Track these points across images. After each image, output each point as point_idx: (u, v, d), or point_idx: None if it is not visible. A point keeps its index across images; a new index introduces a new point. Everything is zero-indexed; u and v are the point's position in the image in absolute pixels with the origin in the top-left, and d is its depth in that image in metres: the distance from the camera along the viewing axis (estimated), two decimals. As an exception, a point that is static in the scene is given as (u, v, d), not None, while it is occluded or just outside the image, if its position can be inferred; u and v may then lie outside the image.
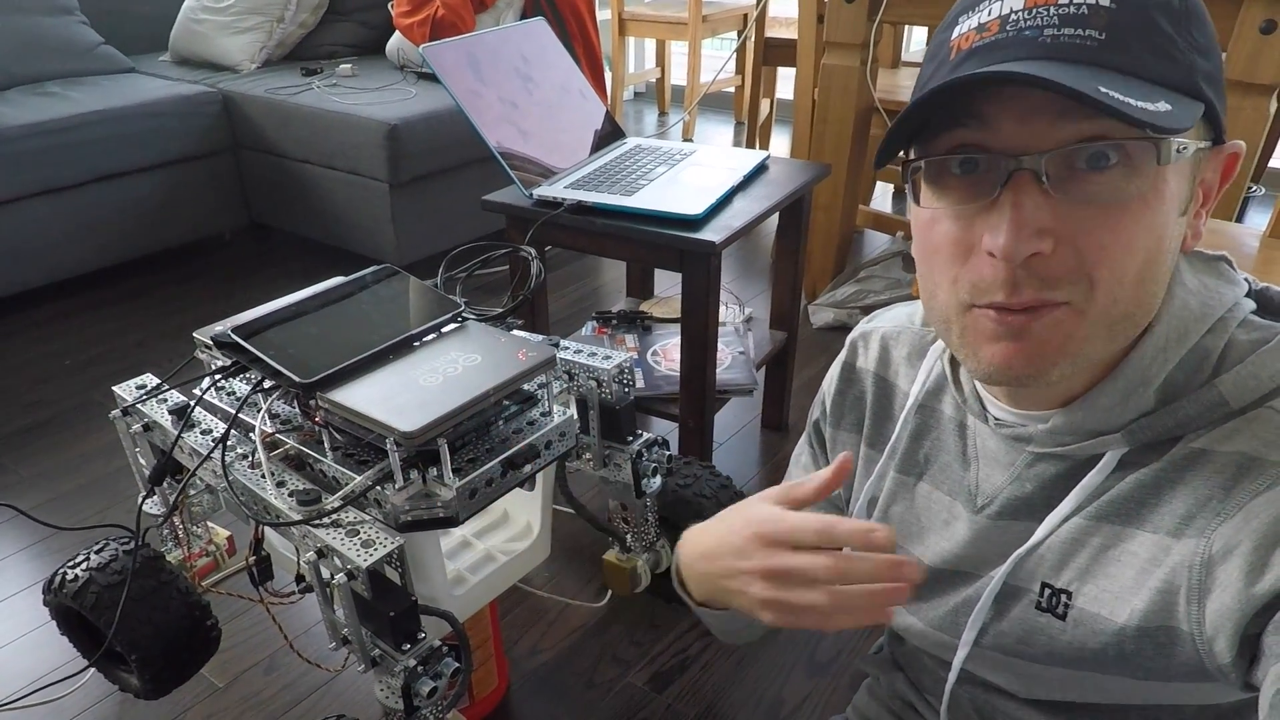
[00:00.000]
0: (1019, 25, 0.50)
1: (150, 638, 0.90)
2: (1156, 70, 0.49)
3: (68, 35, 2.76)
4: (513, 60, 1.55)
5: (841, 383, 0.78)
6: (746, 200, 1.47)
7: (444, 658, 0.75)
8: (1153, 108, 0.46)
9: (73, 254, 2.49)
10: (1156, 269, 0.52)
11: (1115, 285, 0.51)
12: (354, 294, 0.90)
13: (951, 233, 0.54)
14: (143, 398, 0.92)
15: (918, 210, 0.56)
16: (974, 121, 0.51)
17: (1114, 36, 0.48)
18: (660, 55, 4.41)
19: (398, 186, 2.44)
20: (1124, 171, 0.49)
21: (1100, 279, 0.50)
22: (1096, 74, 0.47)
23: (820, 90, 2.21)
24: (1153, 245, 0.51)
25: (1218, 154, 0.55)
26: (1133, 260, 0.50)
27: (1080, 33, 0.48)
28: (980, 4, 0.52)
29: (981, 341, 0.54)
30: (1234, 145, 0.55)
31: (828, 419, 0.80)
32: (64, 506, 1.69)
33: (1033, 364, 0.53)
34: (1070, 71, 0.47)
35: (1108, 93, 0.45)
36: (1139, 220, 0.50)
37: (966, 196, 0.52)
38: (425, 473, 0.75)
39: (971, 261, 0.53)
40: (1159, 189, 0.50)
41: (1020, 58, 0.49)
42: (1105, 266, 0.50)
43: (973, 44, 0.52)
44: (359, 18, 3.11)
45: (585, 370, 0.92)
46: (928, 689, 0.80)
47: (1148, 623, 0.55)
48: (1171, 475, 0.55)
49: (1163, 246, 0.52)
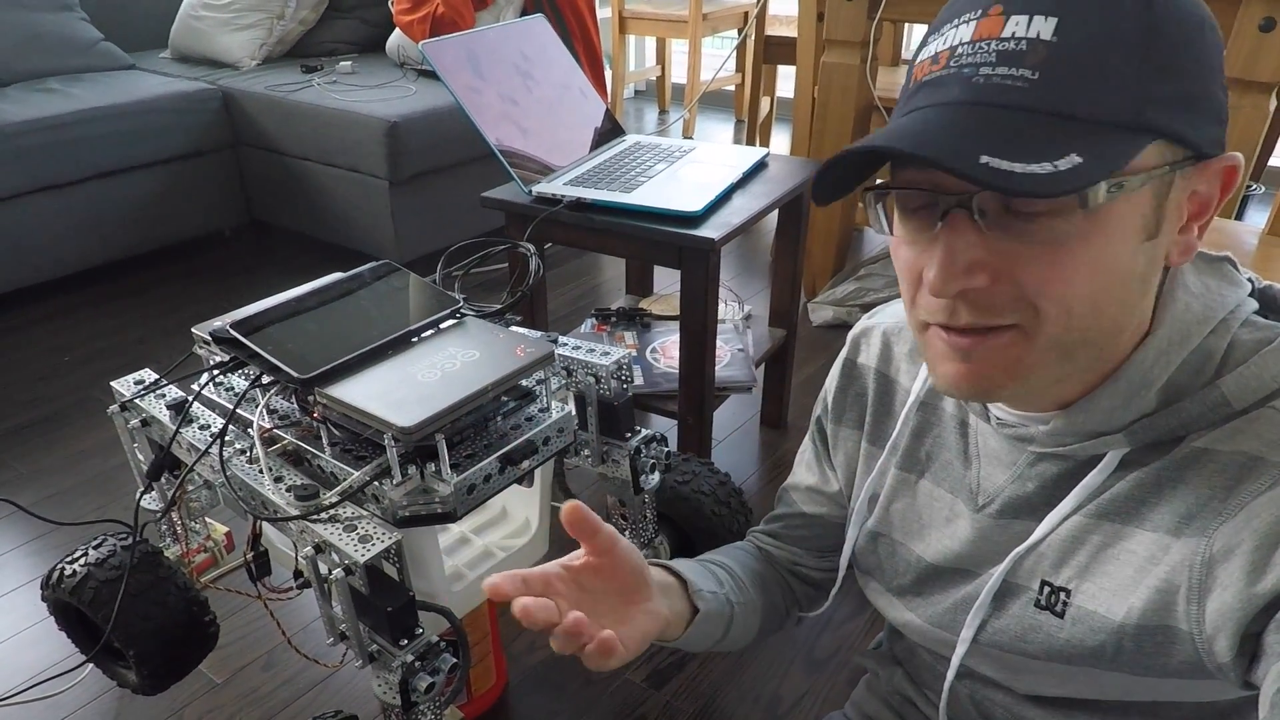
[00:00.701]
0: (961, 61, 0.50)
1: (148, 633, 0.90)
2: (1089, 108, 0.48)
3: (68, 31, 2.76)
4: (513, 57, 1.55)
5: (843, 379, 0.79)
6: (746, 197, 1.47)
7: (442, 653, 0.75)
8: (1048, 168, 0.45)
9: (72, 250, 2.49)
10: (1111, 295, 0.52)
11: (1063, 314, 0.51)
12: (353, 290, 0.90)
13: (909, 259, 0.56)
14: (141, 393, 0.92)
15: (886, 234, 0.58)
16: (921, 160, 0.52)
17: (1046, 76, 0.48)
18: (660, 53, 4.41)
19: (397, 184, 2.44)
20: (1053, 217, 0.49)
21: (1045, 308, 0.51)
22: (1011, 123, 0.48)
23: (820, 88, 2.21)
24: (1100, 276, 0.50)
25: (1206, 168, 0.52)
26: (1076, 292, 0.51)
27: (1013, 73, 0.48)
28: (944, 27, 0.53)
29: (937, 359, 0.57)
30: (1228, 158, 0.52)
31: (829, 415, 0.80)
32: (63, 502, 1.69)
33: (979, 385, 0.55)
34: (985, 121, 0.48)
35: (988, 162, 0.45)
36: (1078, 256, 0.50)
37: (919, 228, 0.54)
38: (423, 468, 0.75)
39: (922, 287, 0.55)
40: (1101, 224, 0.49)
41: (952, 100, 0.50)
42: (1047, 298, 0.51)
43: (924, 76, 0.53)
44: (359, 15, 3.11)
45: (583, 366, 0.92)
46: (926, 684, 0.80)
47: (1146, 621, 0.55)
48: (1172, 474, 0.55)
49: (1115, 275, 0.51)
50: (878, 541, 0.75)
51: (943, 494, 0.69)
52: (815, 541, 0.86)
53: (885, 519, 0.74)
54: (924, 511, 0.71)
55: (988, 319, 0.52)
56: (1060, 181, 0.45)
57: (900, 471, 0.73)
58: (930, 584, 0.71)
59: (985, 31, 0.50)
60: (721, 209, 1.41)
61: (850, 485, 0.80)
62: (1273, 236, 1.60)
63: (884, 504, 0.74)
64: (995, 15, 0.50)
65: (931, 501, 0.70)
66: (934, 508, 0.70)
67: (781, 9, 3.54)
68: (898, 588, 0.74)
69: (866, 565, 0.77)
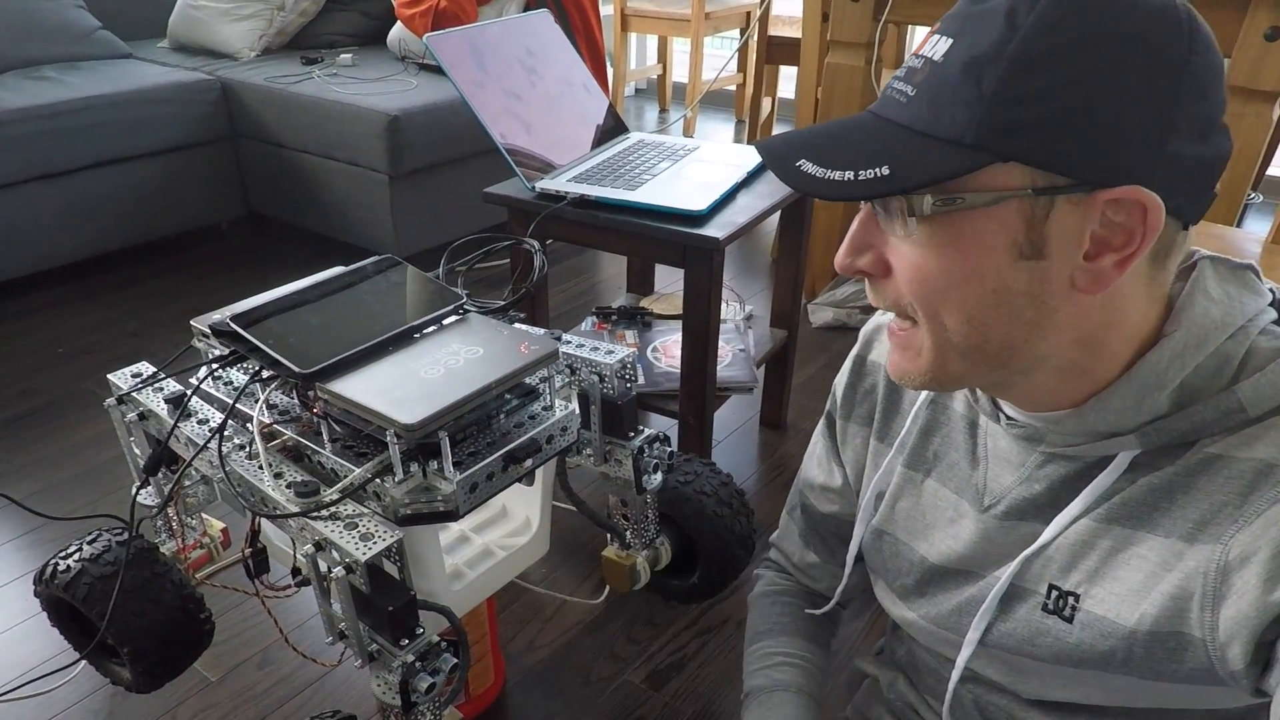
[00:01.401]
0: (897, 75, 0.55)
1: (143, 630, 0.89)
2: (934, 125, 0.51)
3: (65, 19, 2.74)
4: (516, 52, 1.54)
5: (853, 375, 0.79)
6: (750, 197, 1.46)
7: (442, 653, 0.74)
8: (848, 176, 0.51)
9: (67, 241, 2.47)
10: (987, 309, 0.53)
11: (931, 319, 0.55)
12: (355, 284, 0.89)
13: None
14: (138, 386, 0.90)
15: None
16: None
17: (918, 93, 0.52)
18: (662, 52, 4.40)
19: (398, 178, 2.43)
20: (904, 220, 0.53)
21: (922, 310, 0.55)
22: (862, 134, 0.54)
23: (824, 89, 2.20)
24: (965, 287, 0.53)
25: (1095, 201, 0.50)
26: (944, 299, 0.54)
27: (903, 89, 0.54)
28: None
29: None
30: (1130, 191, 0.49)
31: (839, 411, 0.81)
32: (57, 496, 1.68)
33: (901, 372, 0.60)
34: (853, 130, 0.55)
35: (800, 166, 0.53)
36: (934, 261, 0.53)
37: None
38: (425, 466, 0.74)
39: None
40: (954, 236, 0.52)
41: (872, 106, 0.57)
42: (921, 301, 0.55)
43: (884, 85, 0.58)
44: (360, 7, 3.09)
45: (587, 364, 0.91)
46: (929, 690, 0.79)
47: (1158, 627, 0.55)
48: (1185, 479, 0.55)
49: (983, 288, 0.53)
50: (882, 540, 0.75)
51: (948, 494, 0.69)
52: (832, 541, 0.87)
53: (890, 517, 0.74)
54: (928, 511, 0.71)
55: (887, 308, 0.58)
56: (848, 189, 0.50)
57: (906, 470, 0.73)
58: (933, 584, 0.70)
59: (919, 48, 0.54)
60: (726, 208, 1.40)
61: (858, 481, 0.80)
62: (1276, 245, 1.60)
63: (889, 502, 0.74)
64: (931, 33, 0.54)
65: (936, 501, 0.70)
66: (938, 507, 0.70)
67: (784, 9, 3.53)
68: (901, 587, 0.74)
69: (872, 563, 0.78)
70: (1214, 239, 1.55)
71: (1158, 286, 0.55)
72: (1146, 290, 0.54)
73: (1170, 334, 0.55)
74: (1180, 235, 0.53)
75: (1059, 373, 0.56)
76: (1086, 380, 0.56)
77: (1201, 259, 0.58)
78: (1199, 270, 0.57)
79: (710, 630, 1.41)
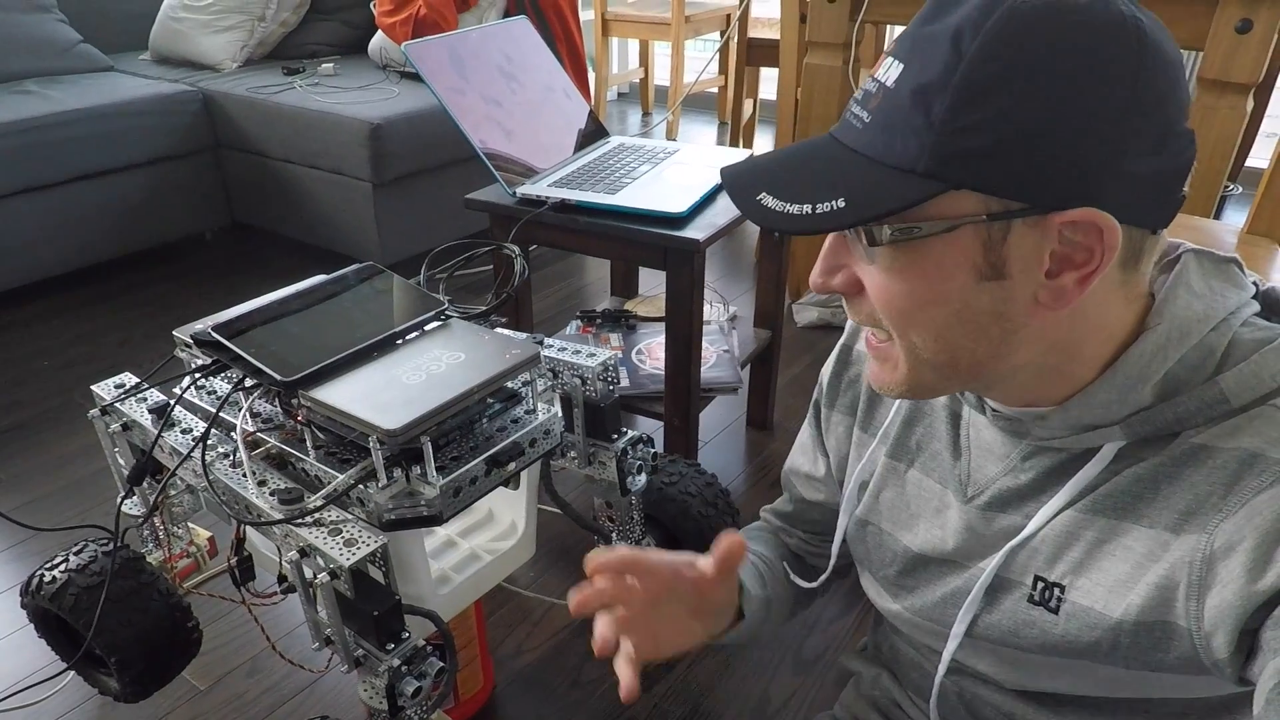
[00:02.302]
0: (854, 98, 0.56)
1: (130, 640, 0.89)
2: (887, 153, 0.51)
3: (46, 33, 2.73)
4: (496, 59, 1.55)
5: (838, 364, 0.79)
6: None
7: (428, 657, 0.74)
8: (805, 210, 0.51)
9: (51, 253, 2.46)
10: (953, 328, 0.54)
11: (903, 336, 0.56)
12: (337, 292, 0.90)
13: None
14: (122, 397, 0.91)
15: None
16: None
17: (873, 119, 0.53)
18: (644, 55, 4.41)
19: (381, 186, 2.43)
20: (888, 245, 0.53)
21: (893, 329, 0.57)
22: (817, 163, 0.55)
23: (803, 90, 2.22)
24: (931, 309, 0.54)
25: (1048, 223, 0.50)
26: (911, 320, 0.55)
27: (859, 114, 0.54)
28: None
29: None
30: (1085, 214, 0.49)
31: (824, 399, 0.81)
32: (44, 508, 1.67)
33: (880, 382, 0.61)
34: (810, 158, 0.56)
35: (761, 199, 0.54)
36: (899, 285, 0.54)
37: None
38: (409, 471, 0.74)
39: None
40: (917, 261, 0.53)
41: (831, 130, 0.57)
42: (890, 320, 0.56)
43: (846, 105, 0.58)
44: (341, 17, 3.09)
45: (569, 368, 0.92)
46: (913, 685, 0.80)
47: (1145, 617, 0.55)
48: (1170, 470, 0.55)
49: (949, 309, 0.54)
50: (865, 530, 0.75)
51: (932, 484, 0.70)
52: (816, 526, 0.88)
53: (874, 507, 0.74)
54: (912, 501, 0.71)
55: (860, 322, 0.59)
56: (806, 223, 0.51)
57: (889, 460, 0.73)
58: (916, 575, 0.71)
59: (874, 71, 0.54)
60: (706, 210, 1.41)
61: (841, 470, 0.80)
62: (1252, 235, 1.62)
63: (873, 492, 0.74)
64: (885, 56, 0.54)
65: (920, 491, 0.71)
66: (922, 498, 0.70)
67: (764, 11, 3.55)
68: (885, 578, 0.74)
69: (857, 553, 0.78)
70: (1191, 230, 1.57)
71: (1133, 288, 0.55)
72: (1121, 294, 0.55)
73: (1152, 328, 0.55)
74: (1150, 240, 0.54)
75: (1037, 375, 0.57)
76: (1066, 380, 0.57)
77: (1186, 252, 0.58)
78: (1182, 264, 0.57)
79: (699, 630, 1.41)
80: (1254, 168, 3.08)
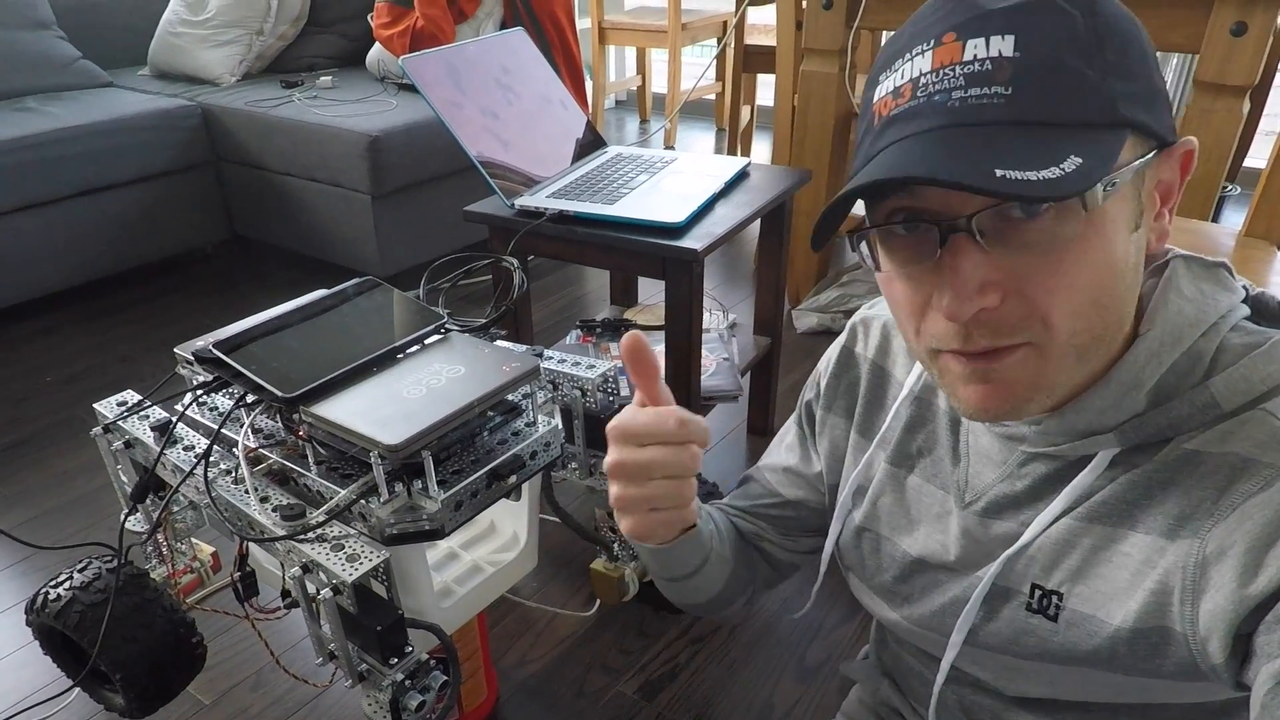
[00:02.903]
0: (929, 90, 0.51)
1: (134, 656, 0.89)
2: (1068, 112, 0.49)
3: (45, 50, 2.74)
4: (493, 71, 1.55)
5: (838, 366, 0.78)
6: (728, 207, 1.47)
7: (432, 671, 0.75)
8: (1057, 172, 0.46)
9: (52, 270, 2.47)
10: (1113, 291, 0.53)
11: (1071, 320, 0.52)
12: (336, 307, 0.90)
13: (906, 292, 0.56)
14: (124, 414, 0.91)
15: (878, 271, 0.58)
16: (903, 192, 0.53)
17: (1020, 88, 0.49)
18: (641, 63, 4.43)
19: (380, 198, 2.44)
20: (1055, 218, 0.50)
21: (1054, 319, 0.52)
22: (1001, 137, 0.48)
23: (800, 96, 2.23)
24: (1102, 274, 0.52)
25: (1169, 155, 0.54)
26: (1082, 295, 0.52)
27: (986, 91, 0.49)
28: (895, 62, 0.54)
29: (956, 384, 0.56)
30: (1185, 143, 0.55)
31: (820, 401, 0.80)
32: (46, 525, 1.68)
33: (1007, 403, 0.55)
34: (977, 139, 0.49)
35: (1004, 175, 0.46)
36: (1080, 260, 0.51)
37: (912, 258, 0.54)
38: (410, 485, 0.75)
39: (928, 317, 0.55)
40: (1098, 225, 0.51)
41: (932, 126, 0.50)
42: (1056, 308, 0.52)
43: (890, 111, 0.53)
44: (339, 30, 3.10)
45: (569, 380, 0.92)
46: (913, 694, 0.80)
47: (1142, 624, 0.56)
48: (1163, 476, 0.55)
49: (1114, 270, 0.52)
50: (861, 536, 0.74)
51: (933, 490, 0.69)
52: (786, 523, 0.84)
53: (872, 513, 0.73)
54: (913, 507, 0.71)
55: (1001, 339, 0.53)
56: (1071, 183, 0.46)
57: (890, 466, 0.72)
58: (913, 582, 0.70)
59: (945, 59, 0.51)
60: (704, 219, 1.42)
61: (833, 474, 0.79)
62: (1249, 238, 1.62)
63: (871, 499, 0.74)
64: (951, 43, 0.50)
65: (921, 497, 0.70)
66: (923, 504, 0.70)
67: (760, 18, 3.56)
68: (879, 584, 0.73)
69: (849, 560, 0.77)
70: (1190, 234, 1.57)
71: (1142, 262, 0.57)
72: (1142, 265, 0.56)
73: (1145, 333, 0.56)
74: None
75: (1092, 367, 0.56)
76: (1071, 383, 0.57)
77: (1174, 258, 0.59)
78: (1171, 269, 0.58)
79: (702, 639, 1.41)
80: (1252, 167, 3.08)
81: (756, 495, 0.85)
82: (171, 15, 2.92)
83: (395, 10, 2.72)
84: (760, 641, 1.41)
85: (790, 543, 0.85)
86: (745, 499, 0.86)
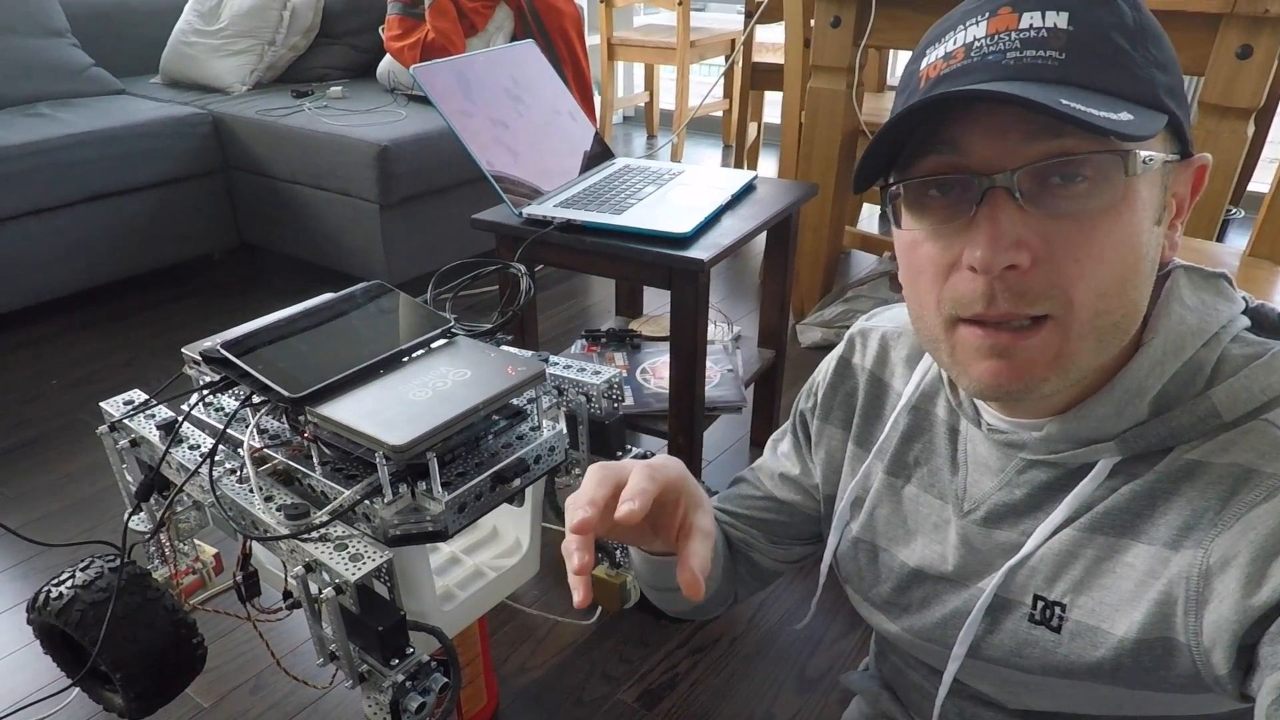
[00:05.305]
0: (983, 51, 0.52)
1: (135, 656, 0.89)
2: (1117, 84, 0.50)
3: (59, 57, 2.77)
4: (503, 82, 1.57)
5: (835, 377, 0.78)
6: (735, 219, 1.48)
7: (433, 673, 0.74)
8: (1115, 117, 0.48)
9: (61, 273, 2.49)
10: (1136, 277, 0.53)
11: (1094, 298, 0.52)
12: (344, 310, 0.90)
13: (933, 253, 0.55)
14: (130, 413, 0.91)
15: (900, 233, 0.58)
16: (946, 147, 0.53)
17: (1074, 55, 0.50)
18: (649, 79, 4.45)
19: (388, 207, 2.45)
20: (1094, 184, 0.51)
21: (1077, 294, 0.52)
22: (1060, 90, 0.49)
23: (807, 113, 2.24)
24: (1128, 254, 0.52)
25: (1186, 167, 0.56)
26: (1109, 271, 0.52)
27: (1042, 54, 0.50)
28: (945, 35, 0.55)
29: (971, 358, 0.56)
30: (1201, 158, 0.57)
31: (816, 411, 0.79)
32: (51, 526, 1.68)
33: (1022, 380, 0.54)
34: (1035, 89, 0.49)
35: (1070, 104, 0.47)
36: (1111, 232, 0.51)
37: (945, 217, 0.54)
38: (414, 487, 0.75)
39: (952, 279, 0.55)
40: (1130, 200, 0.51)
41: (986, 80, 0.51)
42: (1081, 281, 0.51)
43: (940, 72, 0.54)
44: (350, 41, 3.13)
45: (575, 385, 0.92)
46: (914, 707, 0.79)
47: (1146, 635, 0.55)
48: (1166, 486, 0.55)
49: (1139, 255, 0.53)
50: (858, 547, 0.74)
51: (931, 500, 0.69)
52: (778, 528, 0.83)
53: (869, 524, 0.73)
54: (910, 517, 0.70)
55: (1023, 307, 0.52)
56: (1135, 126, 0.48)
57: (887, 476, 0.72)
58: (912, 593, 0.70)
59: (1000, 26, 0.52)
60: (711, 230, 1.42)
61: (829, 485, 0.78)
62: (1253, 258, 1.63)
63: (868, 509, 0.73)
64: (1006, 14, 0.52)
65: (918, 507, 0.70)
66: (921, 514, 0.69)
67: (768, 36, 3.58)
68: (877, 596, 0.73)
69: (846, 572, 0.76)
70: (1194, 253, 1.58)
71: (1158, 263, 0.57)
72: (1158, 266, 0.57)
73: (1148, 342, 0.56)
74: None
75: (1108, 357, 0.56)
76: (1077, 384, 0.57)
77: (1176, 268, 0.59)
78: (1173, 279, 0.58)
79: (702, 649, 1.41)
80: (1256, 192, 3.09)
81: (749, 496, 0.85)
82: (185, 24, 2.95)
83: (406, 22, 2.75)
84: (761, 652, 1.40)
85: (781, 550, 0.84)
86: (737, 501, 0.85)
